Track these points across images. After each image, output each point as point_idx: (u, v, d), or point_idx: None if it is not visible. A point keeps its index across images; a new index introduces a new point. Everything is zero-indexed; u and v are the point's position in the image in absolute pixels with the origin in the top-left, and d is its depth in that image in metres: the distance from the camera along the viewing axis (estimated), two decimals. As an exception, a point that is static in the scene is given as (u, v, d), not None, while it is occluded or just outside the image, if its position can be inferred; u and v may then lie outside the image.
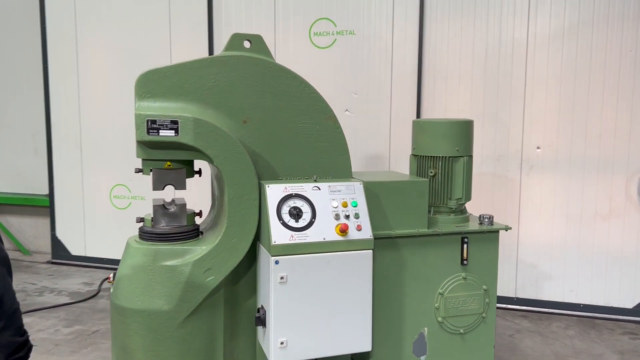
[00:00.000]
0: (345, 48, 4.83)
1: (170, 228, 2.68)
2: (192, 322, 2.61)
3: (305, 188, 2.64)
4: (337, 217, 2.60)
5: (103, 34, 5.48)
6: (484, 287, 3.16)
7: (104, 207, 5.68)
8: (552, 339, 4.06)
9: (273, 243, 2.47)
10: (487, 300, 3.18)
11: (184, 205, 2.75)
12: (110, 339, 3.87)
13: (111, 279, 2.69)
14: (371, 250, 2.65)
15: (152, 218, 2.72)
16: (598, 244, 4.46)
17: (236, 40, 2.80)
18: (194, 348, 2.63)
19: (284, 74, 2.81)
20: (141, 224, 2.78)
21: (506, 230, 3.19)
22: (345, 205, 2.65)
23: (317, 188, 2.66)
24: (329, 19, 4.85)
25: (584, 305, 4.53)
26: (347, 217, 2.62)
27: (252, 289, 2.87)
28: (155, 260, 2.58)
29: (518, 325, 4.30)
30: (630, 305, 4.44)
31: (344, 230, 2.56)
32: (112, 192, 5.68)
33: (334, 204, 2.63)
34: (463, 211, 3.33)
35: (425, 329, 3.09)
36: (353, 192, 2.70)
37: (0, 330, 1.89)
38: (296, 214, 2.56)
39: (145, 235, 2.68)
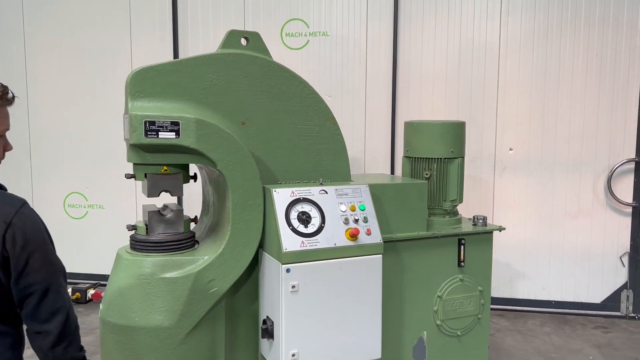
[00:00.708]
0: (319, 49, 4.76)
1: (168, 235, 2.50)
2: (194, 338, 2.45)
3: (313, 192, 2.55)
4: (346, 221, 2.53)
5: (54, 31, 5.14)
6: (480, 288, 3.18)
7: (57, 217, 5.31)
8: (531, 337, 4.16)
9: (284, 250, 2.36)
10: (482, 301, 3.19)
11: (181, 210, 2.58)
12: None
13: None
14: (381, 255, 2.59)
15: (145, 225, 2.53)
16: (568, 242, 4.62)
17: (233, 37, 2.67)
18: (197, 365, 2.47)
19: (283, 74, 2.71)
20: (132, 232, 2.58)
21: (500, 231, 3.22)
22: (353, 208, 2.58)
23: (324, 192, 2.57)
24: (302, 20, 4.78)
25: (555, 301, 4.68)
26: (356, 221, 2.55)
27: (251, 299, 2.74)
28: (154, 273, 2.40)
29: (497, 325, 4.38)
30: (598, 300, 4.63)
31: (354, 235, 2.48)
32: (66, 200, 5.32)
33: (342, 208, 2.56)
34: (455, 213, 3.33)
35: (425, 333, 3.06)
36: (360, 195, 2.64)
37: (66, 346, 1.99)
38: (305, 219, 2.46)
39: (140, 244, 2.49)
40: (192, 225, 2.76)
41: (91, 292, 4.84)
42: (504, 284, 4.72)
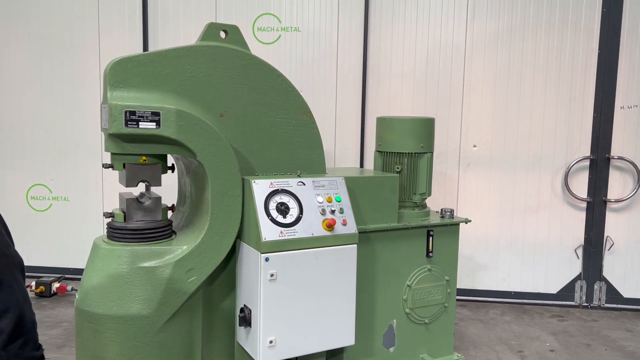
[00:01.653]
0: (291, 45, 4.81)
1: (146, 223, 2.52)
2: (172, 326, 2.48)
3: (291, 183, 2.61)
4: (323, 212, 2.60)
5: (19, 19, 5.00)
6: (446, 277, 3.31)
7: (20, 209, 5.18)
8: (492, 325, 4.34)
9: (263, 240, 2.41)
10: (448, 290, 3.33)
11: (159, 198, 2.60)
12: (72, 351, 3.55)
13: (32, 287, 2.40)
14: (356, 245, 2.67)
15: (123, 212, 2.54)
16: (527, 235, 4.82)
17: (212, 30, 2.70)
18: (174, 353, 2.49)
19: (262, 67, 2.76)
20: (110, 219, 2.58)
21: (466, 223, 3.36)
22: (330, 200, 2.65)
23: (302, 183, 2.63)
24: (274, 15, 4.80)
25: (515, 292, 4.88)
26: (333, 212, 2.62)
27: (228, 289, 2.78)
28: (132, 262, 2.42)
29: (460, 314, 4.54)
30: (554, 290, 4.85)
31: (331, 225, 2.56)
32: (29, 192, 5.20)
33: (319, 199, 2.63)
34: (424, 206, 3.45)
35: (394, 320, 3.17)
36: (336, 187, 2.71)
37: (21, 345, 1.77)
38: (283, 209, 2.52)
39: (118, 233, 2.49)
40: (170, 213, 2.78)
41: (56, 285, 4.75)
42: (466, 275, 4.89)
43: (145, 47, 4.88)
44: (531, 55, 4.66)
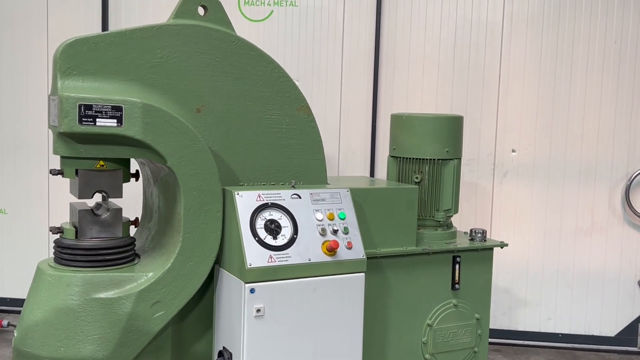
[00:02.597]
0: (285, 22, 4.85)
1: (102, 241, 2.54)
2: (133, 373, 2.50)
3: (283, 196, 2.63)
4: (323, 232, 2.62)
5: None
6: (477, 316, 3.33)
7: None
8: (535, 376, 4.35)
9: (248, 266, 2.43)
10: (479, 331, 3.35)
11: (119, 210, 2.62)
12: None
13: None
14: (363, 274, 2.69)
15: (74, 227, 2.56)
16: (579, 263, 4.84)
17: (188, 5, 2.74)
18: (136, 407, 2.51)
19: (249, 52, 2.80)
20: (58, 236, 2.60)
21: (502, 248, 3.38)
22: (331, 217, 2.67)
23: (296, 196, 2.66)
24: (265, -15, 4.86)
25: (563, 335, 4.89)
26: (335, 232, 2.65)
27: (203, 327, 2.80)
28: (85, 292, 2.44)
29: (493, 361, 4.55)
30: (612, 333, 4.86)
31: (332, 249, 2.58)
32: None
33: (319, 216, 2.65)
34: (450, 225, 3.48)
35: (411, 369, 3.19)
36: (340, 202, 2.74)
37: None
38: (274, 229, 2.55)
39: (67, 254, 2.51)
40: (132, 230, 2.80)
41: (-11, 319, 4.77)
42: (502, 312, 4.90)
43: (105, 25, 4.92)
44: (584, 39, 4.70)
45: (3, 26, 5.01)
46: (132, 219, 2.85)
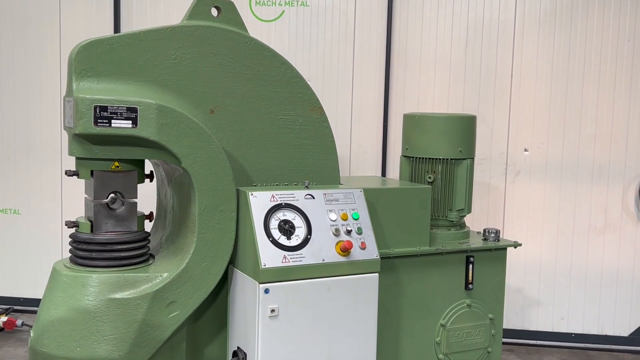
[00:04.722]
0: (296, 23, 4.86)
1: (118, 235, 2.56)
2: (148, 373, 2.52)
3: (297, 196, 2.64)
4: (336, 232, 2.63)
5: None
6: (490, 316, 3.33)
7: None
8: (548, 376, 4.34)
9: (263, 267, 2.44)
10: (493, 331, 3.34)
11: (134, 204, 2.64)
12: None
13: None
14: (377, 274, 2.70)
15: (90, 221, 2.57)
16: (592, 263, 4.82)
17: (201, 6, 2.75)
18: (151, 406, 2.53)
19: (262, 52, 2.81)
20: (73, 230, 2.62)
21: (515, 247, 3.38)
22: (345, 217, 2.68)
23: (310, 196, 2.67)
24: (276, -14, 4.87)
25: (576, 334, 4.87)
26: (349, 232, 2.65)
27: (217, 327, 2.82)
28: (101, 293, 2.46)
29: (506, 362, 4.54)
30: (626, 332, 4.84)
31: (346, 249, 2.59)
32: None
33: (332, 217, 2.66)
34: (463, 225, 3.48)
35: (425, 369, 3.19)
36: (353, 202, 2.74)
37: None
38: (288, 229, 2.56)
39: (84, 249, 2.54)
40: (148, 226, 2.81)
41: (3, 319, 4.80)
42: (515, 312, 4.89)
43: (117, 26, 4.95)
44: (597, 37, 4.68)
45: (16, 28, 5.05)
46: (147, 213, 2.86)
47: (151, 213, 2.86)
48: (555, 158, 4.78)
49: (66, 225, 2.61)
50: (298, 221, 2.59)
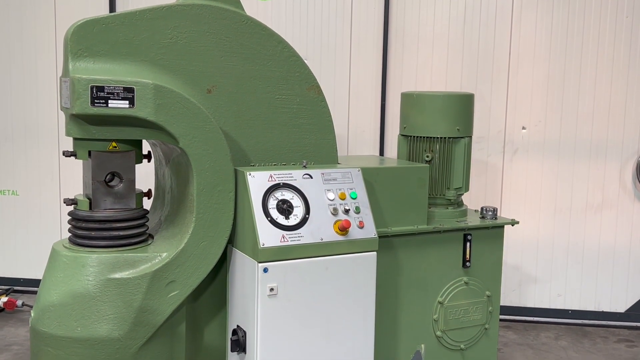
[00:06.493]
0: (293, 1, 4.82)
1: (116, 212, 2.57)
2: (148, 352, 2.54)
3: (295, 176, 2.64)
4: (334, 211, 2.63)
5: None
6: (487, 293, 3.35)
7: (-42, 205, 5.25)
8: (545, 352, 4.38)
9: (261, 246, 2.45)
10: (490, 308, 3.37)
11: (132, 181, 2.64)
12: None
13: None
14: (375, 252, 2.71)
15: (88, 199, 2.57)
16: (589, 240, 4.84)
17: (197, -15, 2.72)
18: (152, 384, 2.55)
19: (259, 31, 2.79)
20: (72, 207, 2.62)
21: (512, 225, 3.39)
22: (343, 197, 2.68)
23: (308, 176, 2.67)
24: (272, -36, 4.82)
25: (573, 311, 4.91)
26: (347, 211, 2.65)
27: (217, 306, 2.83)
28: (101, 273, 2.47)
29: (503, 338, 4.58)
30: (622, 308, 4.88)
31: (344, 228, 2.59)
32: None
33: (330, 196, 2.66)
34: (460, 203, 3.49)
35: (422, 346, 3.21)
36: (351, 181, 2.75)
37: None
38: (286, 209, 2.56)
39: (82, 227, 2.54)
40: (147, 203, 2.82)
41: (3, 299, 4.83)
42: (512, 289, 4.92)
43: (113, 5, 4.91)
44: (596, 13, 4.66)
45: (11, 8, 5.01)
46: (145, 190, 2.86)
47: (149, 190, 2.85)
48: (553, 136, 4.78)
49: (64, 202, 2.62)
50: (296, 201, 2.60)
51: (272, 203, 2.55)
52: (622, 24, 4.64)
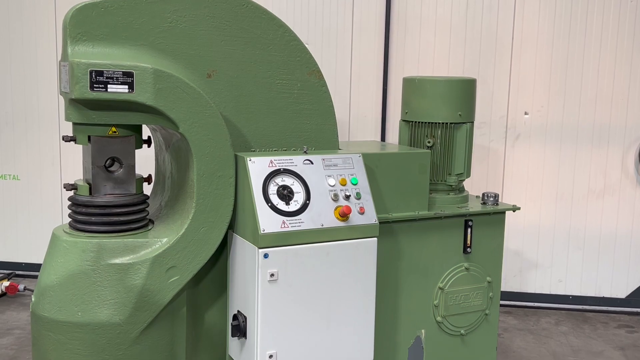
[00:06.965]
0: (294, -16, 4.80)
1: (116, 197, 2.56)
2: (149, 336, 2.55)
3: (295, 161, 2.63)
4: (335, 197, 2.63)
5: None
6: (488, 279, 3.34)
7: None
8: (545, 337, 4.39)
9: (262, 232, 2.44)
10: (490, 294, 3.36)
11: (132, 166, 2.63)
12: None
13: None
14: (376, 238, 2.70)
15: (88, 184, 2.56)
16: (590, 226, 4.84)
17: (198, -32, 2.69)
18: (153, 369, 2.56)
19: (259, 15, 2.76)
20: (72, 192, 2.62)
21: (514, 211, 3.38)
22: (343, 182, 2.67)
23: (309, 162, 2.66)
24: (273, -54, 4.78)
25: (573, 296, 4.92)
26: (348, 197, 2.65)
27: (217, 292, 2.83)
28: (100, 258, 2.47)
29: (504, 323, 4.59)
30: (623, 294, 4.89)
31: (345, 214, 2.59)
32: None
33: (331, 182, 2.65)
34: (462, 189, 3.48)
35: (423, 331, 3.22)
36: (352, 167, 2.73)
37: None
38: (286, 194, 2.55)
39: (82, 215, 2.54)
40: (147, 188, 2.81)
41: (5, 284, 4.85)
42: (513, 275, 4.93)
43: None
44: (600, -2, 4.63)
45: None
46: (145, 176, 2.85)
47: (149, 176, 2.85)
48: (556, 121, 4.76)
49: (65, 187, 2.61)
50: (297, 186, 2.59)
51: (272, 189, 2.54)
52: (627, 8, 4.61)
